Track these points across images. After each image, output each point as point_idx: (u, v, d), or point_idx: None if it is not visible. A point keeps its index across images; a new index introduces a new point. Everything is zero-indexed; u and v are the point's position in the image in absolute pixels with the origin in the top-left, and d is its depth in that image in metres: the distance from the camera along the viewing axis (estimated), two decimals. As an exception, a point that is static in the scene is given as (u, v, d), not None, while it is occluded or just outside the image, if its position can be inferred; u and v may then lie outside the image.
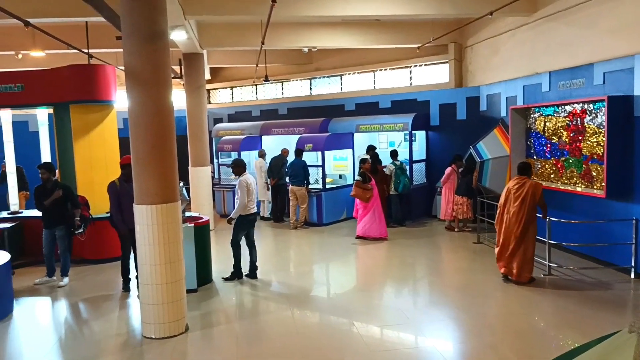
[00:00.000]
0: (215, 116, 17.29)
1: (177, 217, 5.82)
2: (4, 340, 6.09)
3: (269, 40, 9.77)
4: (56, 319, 6.92)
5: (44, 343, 5.97)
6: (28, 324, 6.65)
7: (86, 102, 9.18)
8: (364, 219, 10.45)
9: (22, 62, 12.61)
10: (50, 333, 6.34)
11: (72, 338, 6.15)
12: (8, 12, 6.69)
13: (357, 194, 10.42)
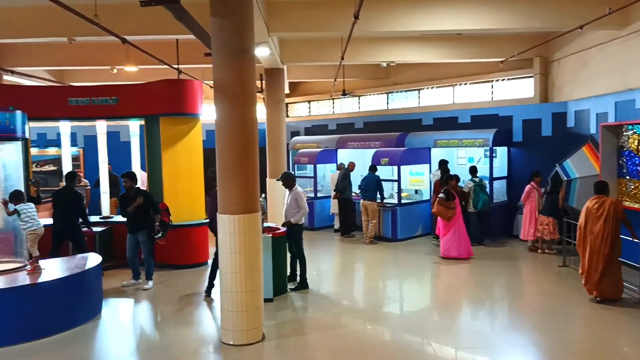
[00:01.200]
0: (292, 129, 17.64)
1: (258, 227, 5.97)
2: (93, 338, 6.49)
3: (348, 55, 9.88)
4: (140, 320, 7.28)
5: (129, 344, 6.31)
6: (115, 324, 7.05)
7: (175, 114, 9.67)
8: (444, 238, 10.19)
9: (117, 76, 13.50)
10: (134, 334, 6.68)
11: (154, 340, 6.45)
12: (108, 30, 7.22)
13: (439, 212, 10.18)
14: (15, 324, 6.11)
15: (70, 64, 12.63)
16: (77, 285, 6.81)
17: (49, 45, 11.58)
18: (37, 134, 15.20)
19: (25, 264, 7.13)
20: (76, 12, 6.19)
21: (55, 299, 6.50)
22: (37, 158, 15.32)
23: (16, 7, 8.89)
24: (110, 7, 7.83)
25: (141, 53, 9.08)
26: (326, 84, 16.82)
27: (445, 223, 10.14)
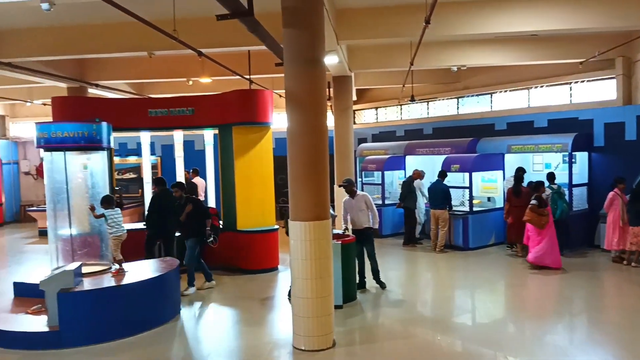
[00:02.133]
0: (359, 136, 17.64)
1: (328, 234, 6.02)
2: (172, 339, 6.77)
3: (417, 60, 9.76)
4: (215, 323, 7.50)
5: (205, 345, 6.54)
6: (192, 325, 7.31)
7: (247, 123, 9.95)
8: (539, 246, 9.75)
9: (192, 88, 14.07)
10: (210, 336, 6.90)
11: (229, 342, 6.64)
12: (185, 43, 7.54)
13: (531, 219, 9.79)
14: (100, 324, 6.49)
15: (149, 76, 13.30)
16: (157, 287, 7.15)
17: (130, 60, 12.26)
18: (118, 144, 16.12)
19: (109, 267, 7.57)
20: (157, 27, 6.52)
21: (137, 300, 6.85)
22: (119, 166, 16.25)
23: (101, 24, 9.48)
24: (187, 22, 8.17)
25: (215, 65, 9.41)
26: (394, 90, 16.70)
27: (538, 231, 9.73)
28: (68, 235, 7.49)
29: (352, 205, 8.46)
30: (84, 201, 7.64)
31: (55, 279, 6.42)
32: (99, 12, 8.57)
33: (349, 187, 8.54)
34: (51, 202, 7.44)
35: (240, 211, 10.04)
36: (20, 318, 6.71)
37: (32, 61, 10.35)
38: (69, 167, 7.32)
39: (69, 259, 7.50)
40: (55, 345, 6.22)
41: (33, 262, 11.69)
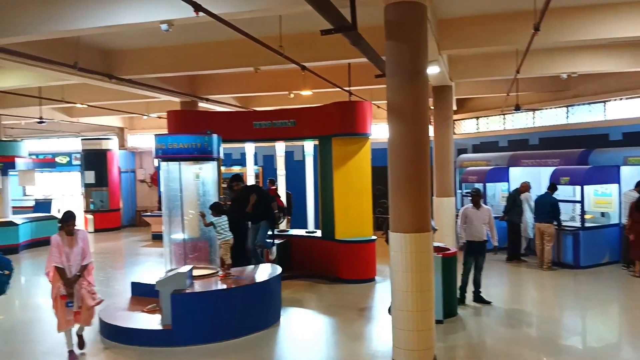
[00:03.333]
0: (459, 146, 17.18)
1: (429, 246, 5.93)
2: (273, 344, 7.02)
3: (524, 67, 9.35)
4: (315, 330, 7.64)
5: (305, 352, 6.68)
6: (292, 332, 7.50)
7: (346, 135, 10.10)
8: None
9: (293, 100, 14.49)
10: (310, 343, 7.04)
11: (328, 351, 6.74)
12: (290, 59, 7.83)
13: None
14: (209, 324, 6.87)
15: (254, 90, 13.91)
16: (261, 293, 7.45)
17: (237, 75, 12.89)
18: (224, 154, 16.95)
19: (217, 271, 8.00)
20: (265, 44, 6.83)
21: (243, 304, 7.18)
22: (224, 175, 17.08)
23: (212, 42, 10.08)
24: (292, 37, 8.46)
25: (316, 77, 9.66)
26: (496, 98, 16.09)
27: None
28: (181, 239, 8.02)
29: (477, 217, 8.31)
30: (195, 208, 8.15)
31: (170, 281, 6.90)
32: (211, 31, 9.13)
33: (476, 197, 8.44)
34: (166, 208, 8.02)
35: (339, 221, 10.18)
36: (137, 316, 7.25)
37: (149, 78, 11.23)
38: (182, 176, 7.85)
39: (181, 262, 8.01)
40: (169, 343, 6.66)
41: (147, 264, 12.62)
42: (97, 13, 6.78)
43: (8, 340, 7.23)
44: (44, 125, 16.70)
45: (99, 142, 18.93)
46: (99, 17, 6.78)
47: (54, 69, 9.00)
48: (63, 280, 6.17)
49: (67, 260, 6.19)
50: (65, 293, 6.15)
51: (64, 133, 22.50)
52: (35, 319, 8.29)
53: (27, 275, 11.79)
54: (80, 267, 6.28)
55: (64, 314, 6.22)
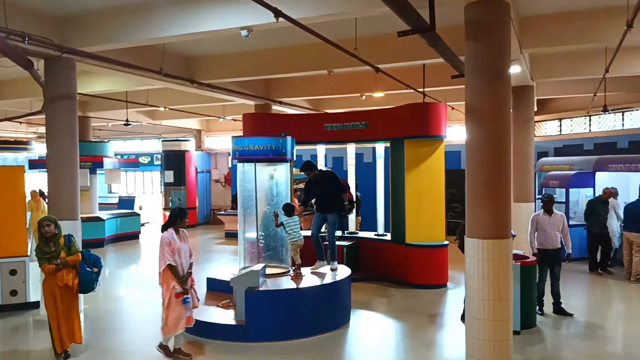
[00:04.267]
0: (539, 150, 16.44)
1: (508, 254, 5.72)
2: (342, 345, 7.04)
3: (613, 66, 8.82)
4: (385, 334, 7.58)
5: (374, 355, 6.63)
6: (361, 334, 7.48)
7: (419, 137, 9.95)
8: None
9: (364, 103, 14.46)
10: (379, 347, 6.97)
11: (398, 356, 6.65)
12: (365, 61, 7.83)
13: None
14: (281, 322, 6.99)
15: (325, 93, 14.03)
16: (331, 293, 7.50)
17: (309, 78, 13.05)
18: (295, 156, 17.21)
19: (288, 270, 8.12)
20: (340, 47, 6.87)
21: (313, 304, 7.26)
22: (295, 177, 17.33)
23: (286, 47, 10.28)
24: (366, 40, 8.47)
25: (388, 79, 9.59)
26: (580, 99, 15.28)
27: None
28: (254, 238, 8.22)
29: (549, 223, 7.98)
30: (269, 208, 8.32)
31: (244, 278, 7.10)
32: (285, 36, 9.32)
33: (548, 203, 8.09)
34: (242, 207, 8.24)
35: (410, 225, 10.04)
36: (213, 311, 7.50)
37: (227, 82, 11.60)
38: (257, 177, 8.04)
39: (254, 260, 8.21)
40: (242, 338, 6.84)
41: (220, 261, 13.04)
42: (182, 22, 7.12)
43: (94, 328, 7.69)
44: (129, 127, 17.70)
45: (178, 144, 19.80)
46: (183, 26, 7.11)
47: (141, 74, 9.52)
48: (177, 278, 6.09)
49: (178, 257, 6.15)
50: (181, 291, 6.10)
51: (146, 135, 23.75)
52: (117, 309, 8.76)
53: (110, 267, 12.51)
54: (190, 265, 6.29)
55: (176, 314, 6.09)
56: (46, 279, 6.22)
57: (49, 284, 6.19)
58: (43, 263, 6.11)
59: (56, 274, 6.10)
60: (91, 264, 6.38)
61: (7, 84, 13.33)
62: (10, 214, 8.53)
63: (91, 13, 7.76)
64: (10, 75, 12.29)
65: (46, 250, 6.14)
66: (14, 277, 8.40)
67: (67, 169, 8.37)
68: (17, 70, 9.25)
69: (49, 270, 6.09)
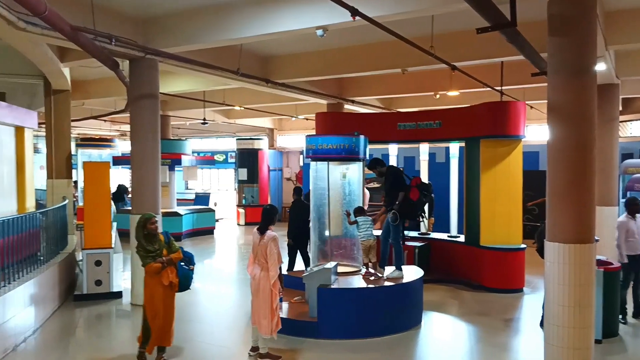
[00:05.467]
0: (623, 151, 15.47)
1: (591, 259, 5.44)
2: (413, 346, 6.99)
3: None
4: (456, 338, 7.44)
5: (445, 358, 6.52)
6: (433, 336, 7.39)
7: (496, 136, 9.65)
8: None
9: (437, 101, 14.24)
10: (451, 350, 6.86)
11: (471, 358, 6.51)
12: (441, 59, 7.71)
13: None
14: (352, 321, 7.04)
15: (398, 92, 13.94)
16: (403, 294, 7.46)
17: (381, 77, 13.01)
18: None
19: (359, 269, 8.15)
20: (416, 45, 6.82)
21: (385, 304, 7.24)
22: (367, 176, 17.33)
23: (360, 46, 10.31)
24: (443, 37, 8.35)
25: (464, 77, 9.39)
26: (673, 98, 14.26)
27: None
28: (326, 236, 8.31)
29: (635, 228, 7.53)
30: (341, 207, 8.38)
31: (316, 275, 7.20)
32: (359, 35, 9.35)
33: (634, 207, 7.66)
34: (314, 206, 8.35)
35: (485, 227, 9.78)
36: (285, 306, 7.65)
37: (300, 81, 11.80)
38: (330, 175, 8.12)
39: (326, 258, 8.30)
40: (313, 334, 6.95)
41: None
42: (259, 22, 7.33)
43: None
44: (205, 126, 18.40)
45: (252, 142, 20.34)
46: (261, 26, 7.32)
47: (218, 74, 9.88)
48: (280, 278, 6.10)
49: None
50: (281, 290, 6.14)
51: (221, 133, 24.59)
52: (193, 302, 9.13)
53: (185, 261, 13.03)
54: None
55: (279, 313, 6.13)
56: (149, 278, 5.97)
57: (153, 283, 5.95)
58: (148, 262, 5.88)
59: (161, 273, 5.91)
60: (187, 261, 6.27)
61: (93, 83, 14.23)
62: (96, 208, 9.11)
63: (173, 15, 8.14)
64: (96, 76, 13.17)
65: (150, 248, 5.92)
66: (99, 268, 8.92)
67: (150, 166, 8.82)
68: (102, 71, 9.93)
69: (156, 269, 5.87)
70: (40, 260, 8.15)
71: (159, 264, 5.89)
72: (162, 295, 5.96)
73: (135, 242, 6.08)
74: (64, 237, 10.01)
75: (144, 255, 5.93)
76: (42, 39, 7.46)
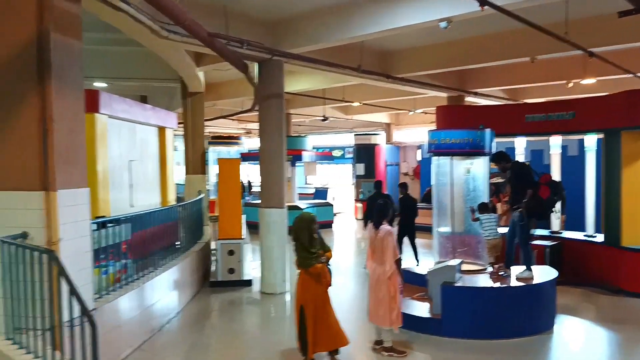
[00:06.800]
0: None
1: None
2: (545, 351, 6.61)
3: None
4: (592, 346, 6.89)
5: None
6: (566, 342, 6.93)
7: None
8: None
9: (570, 90, 13.24)
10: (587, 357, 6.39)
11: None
12: (577, 45, 7.19)
13: None
14: (477, 320, 6.81)
15: (524, 82, 13.18)
16: (533, 295, 7.08)
17: (505, 67, 12.38)
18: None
19: (485, 268, 7.87)
20: (549, 32, 6.42)
21: (512, 305, 6.92)
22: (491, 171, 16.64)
23: (482, 36, 9.91)
24: (577, 22, 7.76)
25: (599, 64, 8.66)
26: None
27: None
28: (449, 233, 8.13)
29: None
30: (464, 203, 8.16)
31: (440, 272, 7.09)
32: (483, 25, 8.98)
33: None
34: (436, 201, 8.22)
35: (627, 226, 8.93)
36: (408, 302, 7.61)
37: (420, 75, 11.63)
38: (453, 171, 7.94)
39: (449, 255, 8.13)
40: (436, 332, 6.83)
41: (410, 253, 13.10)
42: (382, 18, 7.35)
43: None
44: (324, 123, 18.85)
45: (369, 137, 20.45)
46: (383, 22, 7.34)
47: (339, 72, 10.06)
48: (400, 272, 6.07)
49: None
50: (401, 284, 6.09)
51: (339, 129, 25.02)
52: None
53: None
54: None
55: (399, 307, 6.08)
56: (312, 279, 5.66)
57: (314, 284, 5.66)
58: (312, 263, 5.59)
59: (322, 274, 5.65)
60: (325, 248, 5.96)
61: (223, 85, 15.21)
62: (229, 201, 9.74)
63: (298, 17, 8.43)
64: (226, 78, 14.05)
65: (313, 250, 5.67)
66: (231, 257, 9.55)
67: (276, 162, 9.24)
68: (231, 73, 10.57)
69: (322, 270, 5.61)
70: (180, 249, 8.92)
71: (322, 264, 5.64)
72: (324, 296, 5.73)
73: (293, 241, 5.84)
74: (199, 228, 10.85)
75: (307, 257, 5.64)
76: (182, 45, 8.13)
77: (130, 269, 6.61)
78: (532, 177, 7.49)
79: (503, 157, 7.68)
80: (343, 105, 18.67)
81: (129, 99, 9.05)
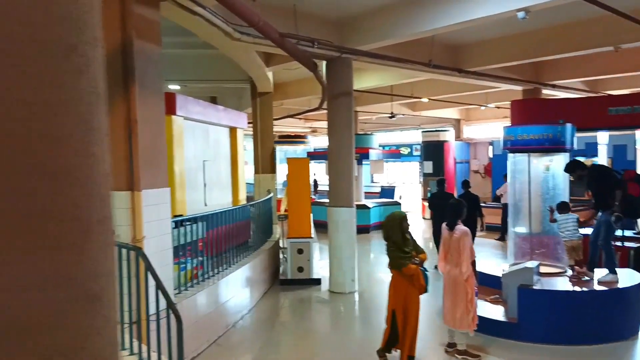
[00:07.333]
0: None
1: None
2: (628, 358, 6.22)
3: None
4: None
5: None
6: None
7: None
8: None
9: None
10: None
11: None
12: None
13: None
14: (556, 325, 6.49)
15: (606, 72, 12.40)
16: (616, 299, 6.66)
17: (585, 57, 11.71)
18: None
19: (565, 270, 7.48)
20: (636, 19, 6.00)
21: (594, 310, 6.55)
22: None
23: (559, 25, 9.39)
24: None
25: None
26: None
27: None
28: (527, 233, 7.80)
29: None
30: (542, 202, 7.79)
31: (517, 274, 6.80)
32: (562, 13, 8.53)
33: None
34: (512, 200, 7.90)
35: None
36: (482, 305, 7.36)
37: (493, 68, 11.21)
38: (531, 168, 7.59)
39: (525, 256, 7.80)
40: (512, 336, 6.57)
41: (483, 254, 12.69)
42: (453, 11, 7.13)
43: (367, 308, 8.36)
44: (390, 120, 18.63)
45: (437, 134, 19.98)
46: (456, 15, 7.12)
47: (409, 67, 9.88)
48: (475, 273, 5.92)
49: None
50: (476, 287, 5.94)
51: (406, 126, 24.66)
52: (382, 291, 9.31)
53: (375, 252, 13.39)
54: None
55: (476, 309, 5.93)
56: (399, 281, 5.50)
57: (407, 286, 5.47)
58: (406, 263, 5.34)
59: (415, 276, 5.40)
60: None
61: (290, 84, 15.37)
62: (299, 200, 9.84)
63: (366, 13, 8.35)
64: (294, 77, 14.17)
65: (406, 249, 5.45)
66: (300, 256, 9.63)
67: (345, 160, 9.22)
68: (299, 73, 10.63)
69: (416, 271, 5.38)
70: (251, 247, 9.10)
71: (416, 265, 5.41)
72: (416, 299, 5.52)
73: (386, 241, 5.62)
74: (269, 226, 11.04)
75: (400, 257, 5.41)
76: (253, 47, 8.27)
77: (205, 266, 6.83)
78: (615, 176, 7.06)
79: (577, 166, 7.22)
80: (411, 102, 18.36)
81: (202, 101, 9.33)
